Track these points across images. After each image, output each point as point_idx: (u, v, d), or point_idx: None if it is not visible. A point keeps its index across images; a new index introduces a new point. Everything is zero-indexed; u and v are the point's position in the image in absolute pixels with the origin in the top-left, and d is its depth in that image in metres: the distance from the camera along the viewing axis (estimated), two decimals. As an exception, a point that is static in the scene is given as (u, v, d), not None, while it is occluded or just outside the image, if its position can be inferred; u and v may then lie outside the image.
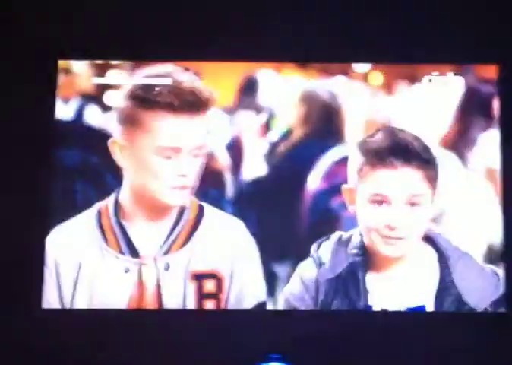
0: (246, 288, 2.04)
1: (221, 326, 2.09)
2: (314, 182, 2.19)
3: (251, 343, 2.07)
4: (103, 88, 2.21)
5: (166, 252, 2.01)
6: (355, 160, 1.95)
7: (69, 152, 2.18)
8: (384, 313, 2.02)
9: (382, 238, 1.93)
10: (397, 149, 1.90)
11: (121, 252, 2.01)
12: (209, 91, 1.95)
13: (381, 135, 1.93)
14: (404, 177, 1.90)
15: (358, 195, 1.95)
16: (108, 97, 2.21)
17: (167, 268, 2.00)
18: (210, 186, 2.10)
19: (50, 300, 2.02)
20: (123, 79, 2.18)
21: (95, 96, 2.21)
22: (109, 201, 2.03)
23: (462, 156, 2.17)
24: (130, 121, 1.95)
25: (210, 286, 2.03)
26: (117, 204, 2.01)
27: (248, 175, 2.21)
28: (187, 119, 1.93)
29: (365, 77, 2.27)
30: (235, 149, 2.21)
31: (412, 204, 1.91)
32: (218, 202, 2.09)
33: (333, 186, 2.18)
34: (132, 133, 1.95)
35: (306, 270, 2.03)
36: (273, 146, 2.24)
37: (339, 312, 2.03)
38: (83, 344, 2.06)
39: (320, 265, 2.01)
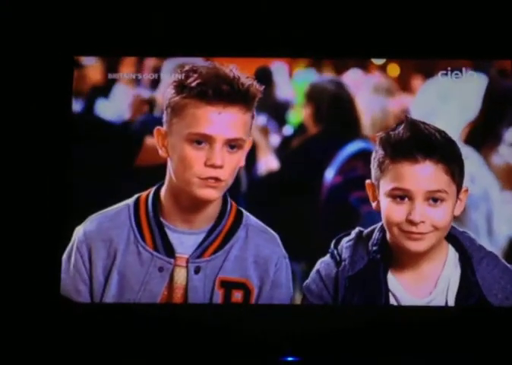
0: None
1: (242, 320, 2.08)
2: (330, 176, 2.15)
3: (272, 338, 2.05)
4: (114, 82, 2.20)
5: (199, 256, 1.93)
6: (377, 153, 1.88)
7: (86, 147, 2.16)
8: (403, 308, 1.96)
9: (404, 233, 1.87)
10: (420, 142, 1.83)
11: (156, 250, 1.94)
12: (250, 83, 1.85)
13: (403, 128, 1.86)
14: (426, 171, 1.84)
15: (380, 190, 1.88)
16: (121, 91, 2.20)
17: (197, 271, 1.93)
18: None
19: (80, 293, 1.97)
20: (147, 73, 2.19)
21: (108, 91, 2.20)
22: (149, 194, 1.95)
23: (484, 152, 2.13)
24: (170, 109, 1.88)
25: (237, 296, 1.97)
26: (156, 199, 1.94)
27: (262, 169, 2.18)
28: (221, 110, 1.84)
29: (382, 69, 2.23)
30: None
31: (435, 199, 1.85)
32: (233, 198, 2.02)
33: (351, 180, 2.14)
34: (171, 121, 1.88)
35: (325, 267, 1.97)
36: (288, 140, 2.20)
37: (358, 307, 1.98)
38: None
39: (339, 261, 1.96)
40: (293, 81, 2.24)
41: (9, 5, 2.26)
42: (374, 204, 1.92)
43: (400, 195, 1.85)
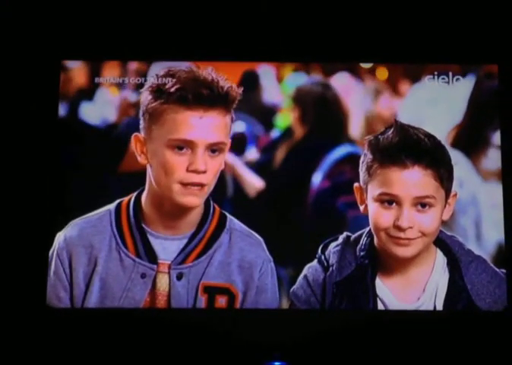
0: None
1: (229, 325, 2.06)
2: (318, 180, 2.14)
3: (258, 342, 2.04)
4: (100, 86, 2.18)
5: (182, 262, 1.91)
6: (366, 157, 1.87)
7: (71, 150, 2.15)
8: (391, 312, 1.96)
9: (391, 239, 1.85)
10: (408, 147, 1.82)
11: (138, 256, 1.92)
12: (229, 85, 1.84)
13: (392, 132, 1.84)
14: (415, 177, 1.82)
15: (368, 194, 1.87)
16: (105, 95, 2.17)
17: (180, 277, 1.91)
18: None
19: (60, 299, 1.95)
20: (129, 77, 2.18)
21: (92, 94, 2.18)
22: (130, 200, 1.93)
23: (472, 156, 2.12)
24: (148, 115, 1.86)
25: (222, 301, 1.95)
26: (137, 205, 1.92)
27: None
28: (201, 114, 1.83)
29: (370, 72, 2.22)
30: (235, 148, 2.16)
31: (423, 205, 1.83)
32: (218, 202, 2.00)
33: (338, 185, 2.13)
34: (150, 127, 1.86)
35: (312, 272, 1.96)
36: (275, 144, 2.18)
37: (345, 311, 1.97)
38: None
39: (327, 267, 1.94)
40: (281, 85, 2.22)
41: None
42: (361, 208, 1.91)
43: (388, 200, 1.84)
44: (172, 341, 2.07)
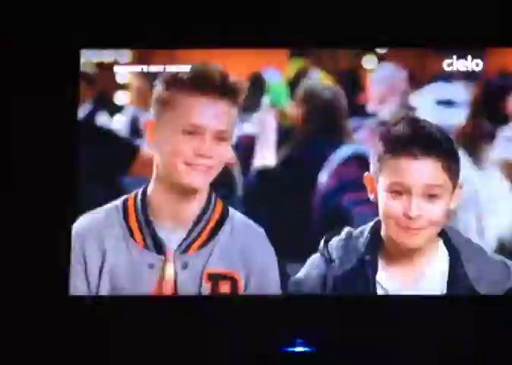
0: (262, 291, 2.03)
1: (236, 311, 2.14)
2: (323, 179, 2.19)
3: (269, 329, 2.10)
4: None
5: (185, 251, 1.98)
6: (377, 148, 1.92)
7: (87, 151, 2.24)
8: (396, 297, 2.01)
9: (401, 228, 1.90)
10: (418, 138, 1.87)
11: (146, 247, 1.98)
12: (238, 80, 1.93)
13: (404, 124, 1.90)
14: (425, 167, 1.88)
15: (378, 184, 1.92)
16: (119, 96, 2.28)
17: (185, 267, 1.97)
18: (218, 185, 2.07)
19: (78, 287, 2.02)
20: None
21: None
22: (136, 194, 2.00)
23: (477, 150, 2.18)
24: (161, 101, 1.94)
25: (225, 287, 2.01)
26: (144, 197, 1.98)
27: (257, 172, 2.22)
28: (212, 101, 1.91)
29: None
30: (244, 146, 2.22)
31: (432, 195, 1.88)
32: (226, 198, 2.06)
33: (344, 184, 2.18)
34: (161, 114, 1.94)
35: (314, 265, 2.01)
36: (279, 144, 2.25)
37: (349, 296, 2.03)
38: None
39: (329, 260, 1.99)
40: (284, 85, 2.29)
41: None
42: (371, 196, 1.96)
43: (398, 190, 1.89)
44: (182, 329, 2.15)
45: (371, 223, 1.98)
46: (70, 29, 2.32)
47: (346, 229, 2.01)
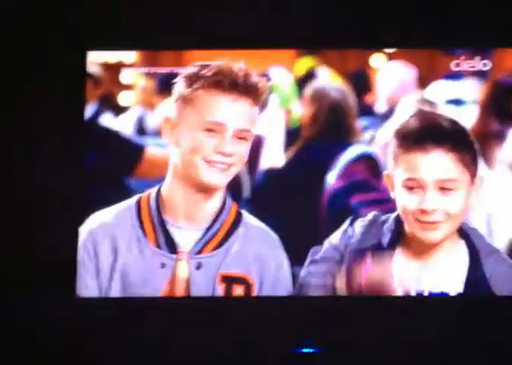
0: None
1: (249, 313, 2.14)
2: (331, 180, 2.18)
3: (278, 329, 2.11)
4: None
5: (200, 251, 1.97)
6: (391, 145, 1.92)
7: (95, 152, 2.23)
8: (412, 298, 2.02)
9: (419, 223, 1.90)
10: (430, 131, 1.87)
11: (158, 247, 1.96)
12: (260, 79, 1.92)
13: (414, 118, 1.91)
14: (437, 160, 1.87)
15: (394, 180, 1.92)
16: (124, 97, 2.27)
17: (198, 267, 1.96)
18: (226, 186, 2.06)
19: (88, 287, 2.02)
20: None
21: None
22: (150, 193, 1.99)
23: (487, 149, 2.17)
24: (182, 99, 1.93)
25: (239, 291, 2.00)
26: (158, 196, 1.97)
27: (265, 173, 2.22)
28: (234, 100, 1.90)
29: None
30: (251, 146, 2.20)
31: (446, 188, 1.88)
32: (234, 199, 2.04)
33: (351, 185, 2.17)
34: (182, 111, 1.93)
35: (334, 239, 2.02)
36: (287, 144, 2.24)
37: (363, 296, 2.03)
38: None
39: (350, 237, 1.99)
40: (293, 84, 2.28)
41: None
42: (392, 194, 1.95)
43: (413, 185, 1.88)
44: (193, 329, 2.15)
45: (396, 214, 1.98)
46: (76, 30, 2.32)
47: (373, 212, 2.01)
